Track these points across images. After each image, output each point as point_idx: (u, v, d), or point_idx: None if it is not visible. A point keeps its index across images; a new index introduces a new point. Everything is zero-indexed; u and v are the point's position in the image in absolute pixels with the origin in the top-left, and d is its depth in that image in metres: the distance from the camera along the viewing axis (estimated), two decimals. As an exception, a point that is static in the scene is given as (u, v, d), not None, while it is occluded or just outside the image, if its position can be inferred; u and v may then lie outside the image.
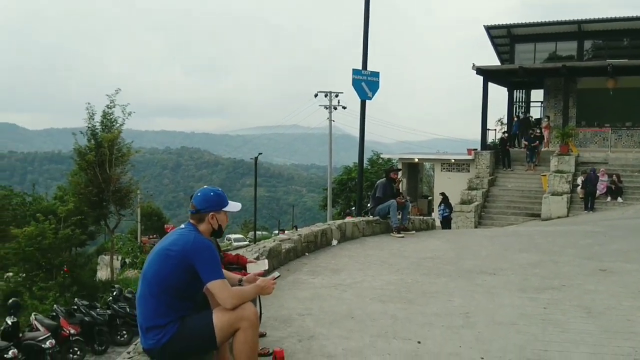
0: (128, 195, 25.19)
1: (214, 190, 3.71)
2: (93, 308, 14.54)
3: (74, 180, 25.54)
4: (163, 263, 3.43)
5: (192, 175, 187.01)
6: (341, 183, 42.05)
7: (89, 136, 24.19)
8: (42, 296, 19.61)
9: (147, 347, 3.45)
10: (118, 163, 24.29)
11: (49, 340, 12.54)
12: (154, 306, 3.41)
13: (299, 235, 8.49)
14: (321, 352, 4.38)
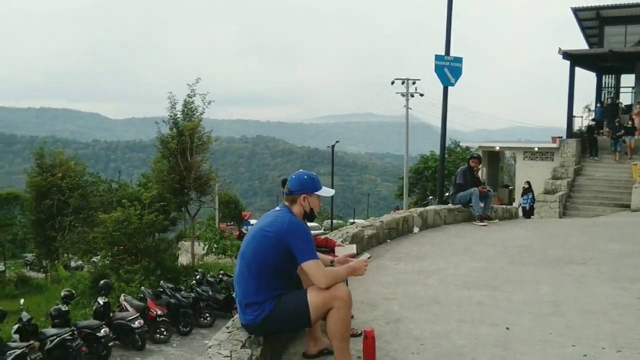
0: (208, 183, 25.83)
1: (308, 174, 3.79)
2: (178, 291, 15.08)
3: (157, 167, 26.45)
4: (260, 243, 3.56)
5: (267, 163, 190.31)
6: (417, 172, 41.54)
7: (171, 125, 24.88)
8: (129, 279, 20.40)
9: (246, 322, 3.59)
10: (199, 151, 24.91)
11: (137, 320, 13.14)
12: (252, 284, 3.54)
13: (380, 222, 8.47)
14: (409, 335, 4.39)
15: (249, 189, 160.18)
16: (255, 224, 3.82)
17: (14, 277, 34.33)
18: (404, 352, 4.04)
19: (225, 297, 15.49)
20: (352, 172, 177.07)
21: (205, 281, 15.99)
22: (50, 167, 31.74)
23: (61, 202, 30.92)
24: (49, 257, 32.82)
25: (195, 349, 13.06)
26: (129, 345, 13.21)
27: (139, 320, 13.17)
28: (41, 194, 31.05)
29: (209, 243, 23.22)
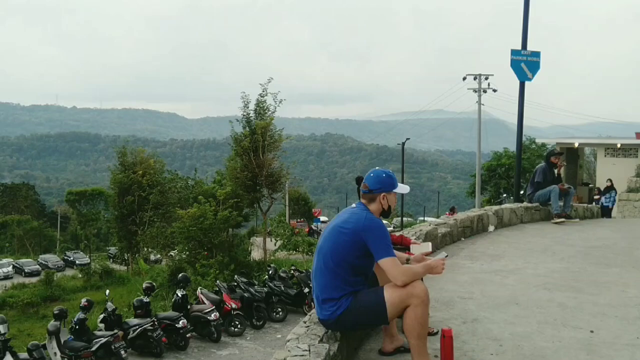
0: (279, 180, 26.21)
1: (385, 172, 3.79)
2: (251, 285, 15.39)
3: (231, 165, 27.09)
4: (337, 239, 3.60)
5: (335, 161, 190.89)
6: (490, 169, 40.52)
7: (244, 123, 25.41)
8: (204, 273, 20.98)
9: (323, 317, 3.64)
10: (270, 149, 25.30)
11: (213, 313, 13.53)
12: (329, 279, 3.59)
13: (454, 220, 8.35)
14: (487, 335, 4.31)
15: (318, 186, 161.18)
16: (332, 220, 3.86)
17: (98, 270, 36.12)
18: (482, 353, 3.97)
19: (296, 293, 15.69)
20: (422, 169, 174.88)
21: (278, 276, 16.23)
22: (131, 164, 33.10)
23: (142, 198, 32.23)
24: (130, 250, 34.30)
25: (269, 343, 13.31)
26: (206, 337, 13.62)
27: (215, 313, 13.55)
28: (123, 190, 32.46)
29: (281, 239, 23.54)
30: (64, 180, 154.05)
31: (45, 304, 32.41)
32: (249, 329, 14.37)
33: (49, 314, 27.71)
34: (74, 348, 11.33)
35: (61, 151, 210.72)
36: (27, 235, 63.97)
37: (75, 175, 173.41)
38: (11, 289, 37.57)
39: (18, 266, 50.97)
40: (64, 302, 28.11)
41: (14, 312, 29.43)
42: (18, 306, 31.54)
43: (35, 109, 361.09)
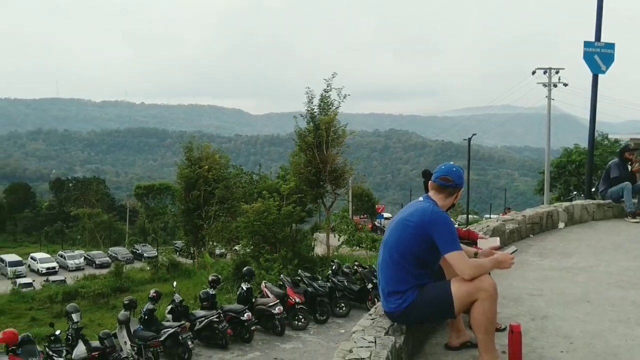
0: (343, 176, 26.22)
1: (458, 167, 3.76)
2: (315, 280, 15.49)
3: (295, 160, 27.32)
4: (402, 232, 3.59)
5: (399, 157, 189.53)
6: (559, 166, 39.21)
7: (308, 119, 25.55)
8: (268, 267, 21.25)
9: (389, 310, 3.65)
10: (334, 144, 25.34)
11: (277, 306, 13.70)
12: (395, 272, 3.59)
13: (523, 216, 8.14)
14: (557, 332, 4.21)
15: (381, 183, 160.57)
16: (398, 214, 3.86)
17: (165, 262, 37.34)
18: (552, 350, 3.88)
19: (360, 288, 15.69)
20: (488, 166, 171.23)
21: (341, 272, 16.26)
22: (197, 160, 33.88)
23: (207, 193, 32.96)
24: (196, 244, 35.17)
25: (332, 338, 13.37)
26: (270, 330, 13.82)
27: (279, 306, 13.72)
28: (190, 185, 33.28)
29: (344, 235, 23.57)
30: (132, 175, 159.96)
31: (115, 295, 33.77)
32: (313, 323, 14.47)
33: (118, 305, 28.86)
34: (143, 337, 11.73)
35: (130, 146, 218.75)
36: (97, 228, 66.69)
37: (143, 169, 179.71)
38: (83, 280, 39.36)
39: (89, 258, 53.32)
40: (132, 293, 29.19)
41: (86, 302, 30.76)
42: (89, 296, 32.98)
43: (105, 105, 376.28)
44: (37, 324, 25.83)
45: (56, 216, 75.53)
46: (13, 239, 73.21)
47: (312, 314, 14.61)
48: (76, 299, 30.91)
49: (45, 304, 33.16)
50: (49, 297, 34.05)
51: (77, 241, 67.68)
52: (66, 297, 33.00)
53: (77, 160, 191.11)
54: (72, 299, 30.00)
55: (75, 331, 11.42)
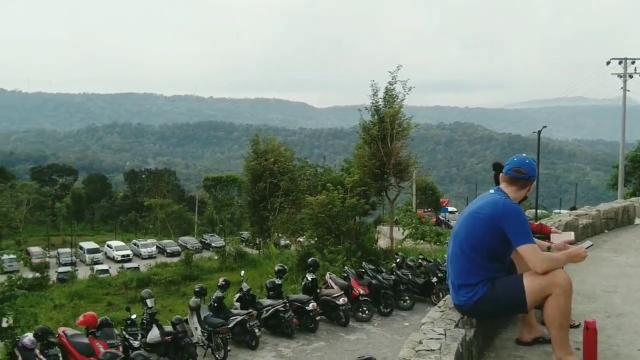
0: (407, 169, 26.03)
1: (531, 159, 3.71)
2: (379, 272, 15.48)
3: (359, 153, 27.31)
4: (473, 225, 3.57)
5: (465, 150, 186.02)
6: (635, 160, 37.48)
7: (372, 112, 25.49)
8: (332, 259, 21.39)
9: (459, 303, 3.64)
10: (398, 137, 25.17)
11: (342, 297, 13.79)
12: (465, 265, 3.57)
13: (597, 211, 7.88)
14: (634, 330, 4.10)
15: (445, 176, 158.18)
16: (468, 206, 3.83)
17: (233, 252, 38.26)
18: (628, 348, 3.78)
19: (424, 282, 15.57)
20: (558, 160, 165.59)
21: (405, 265, 16.18)
22: (263, 152, 34.46)
23: (273, 185, 33.50)
24: (261, 235, 35.84)
25: (396, 330, 13.35)
26: (334, 321, 13.93)
27: (343, 297, 13.80)
28: (256, 177, 33.91)
29: (408, 228, 23.43)
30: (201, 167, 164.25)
31: (184, 283, 34.96)
32: (377, 315, 14.48)
33: (188, 292, 29.83)
34: (212, 324, 12.08)
35: (199, 139, 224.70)
36: (168, 218, 69.07)
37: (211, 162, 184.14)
38: (155, 268, 40.99)
39: (160, 247, 55.37)
40: (201, 281, 30.07)
41: (158, 289, 31.95)
42: (161, 283, 34.30)
43: (176, 99, 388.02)
44: (113, 309, 27.06)
45: (130, 206, 78.79)
46: (91, 227, 77.01)
47: (376, 306, 14.61)
48: (149, 285, 32.14)
49: (120, 289, 34.80)
50: (124, 283, 35.71)
51: (149, 230, 70.47)
52: (140, 283, 34.49)
53: (149, 153, 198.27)
54: (146, 286, 31.21)
55: (149, 316, 11.89)
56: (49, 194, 77.37)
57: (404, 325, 13.75)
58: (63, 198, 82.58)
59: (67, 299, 30.83)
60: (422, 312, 14.42)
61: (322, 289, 14.74)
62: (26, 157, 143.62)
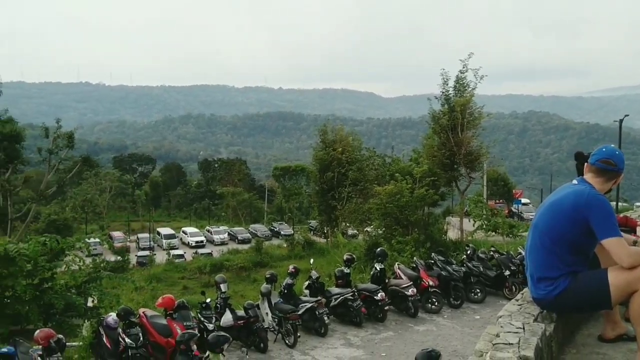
0: (478, 159, 25.47)
1: (620, 150, 3.57)
2: (449, 264, 15.28)
3: (428, 143, 26.95)
4: (555, 216, 3.47)
5: (539, 140, 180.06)
6: None
7: (442, 101, 25.06)
8: (400, 249, 21.26)
9: (537, 296, 3.56)
10: (469, 127, 24.63)
11: (411, 288, 13.74)
12: (545, 258, 3.48)
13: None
14: None
15: (518, 167, 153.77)
16: (549, 196, 3.72)
17: (301, 241, 38.77)
18: None
19: (496, 275, 15.26)
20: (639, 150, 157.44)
21: (476, 257, 15.89)
22: (331, 142, 34.60)
23: (341, 175, 33.62)
24: (329, 224, 36.07)
25: (466, 323, 13.19)
26: (403, 312, 13.91)
27: (412, 288, 13.75)
28: (324, 166, 34.12)
29: (479, 219, 22.98)
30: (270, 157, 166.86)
31: (255, 269, 35.79)
32: (446, 307, 14.35)
33: (258, 278, 30.50)
34: (282, 310, 12.32)
35: (269, 129, 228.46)
36: (239, 206, 70.77)
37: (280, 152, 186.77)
38: (227, 254, 42.14)
39: (232, 234, 56.86)
40: (271, 268, 30.70)
41: (229, 274, 32.81)
42: (233, 269, 35.28)
43: (247, 91, 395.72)
44: (189, 292, 28.06)
45: (204, 194, 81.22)
46: (167, 213, 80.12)
47: (446, 298, 14.48)
48: (221, 271, 33.10)
49: (195, 274, 36.11)
50: (198, 268, 37.04)
51: (221, 217, 72.53)
52: (213, 268, 35.67)
53: (222, 143, 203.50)
54: (218, 271, 32.18)
55: (223, 300, 12.26)
56: (129, 181, 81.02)
57: (474, 318, 13.56)
58: (142, 186, 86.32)
59: (146, 281, 32.25)
60: (494, 306, 14.28)
61: (391, 279, 14.73)
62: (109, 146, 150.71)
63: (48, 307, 11.42)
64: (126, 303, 14.39)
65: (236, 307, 12.54)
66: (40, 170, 43.60)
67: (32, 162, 41.93)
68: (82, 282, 12.58)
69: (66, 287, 12.32)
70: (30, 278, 11.42)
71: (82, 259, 13.54)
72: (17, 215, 35.82)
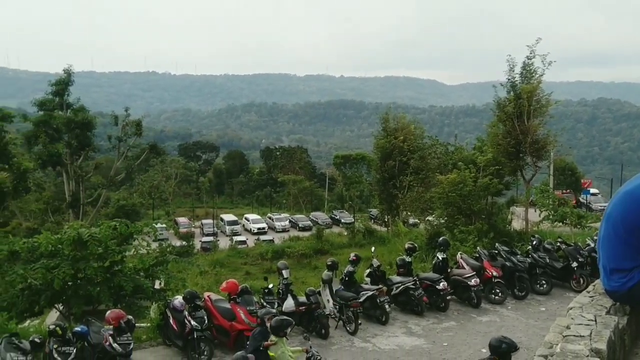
0: (545, 148, 24.76)
1: None
2: (513, 254, 14.97)
3: (492, 131, 26.33)
4: (629, 205, 3.35)
5: (609, 129, 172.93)
6: None
7: (508, 88, 24.45)
8: (462, 239, 20.96)
9: (610, 289, 3.46)
10: (536, 115, 23.96)
11: (474, 278, 13.58)
12: (619, 248, 3.38)
13: None
14: None
15: (586, 156, 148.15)
16: (624, 185, 3.60)
17: (362, 229, 38.84)
18: None
19: (563, 266, 14.85)
20: None
21: (542, 248, 15.49)
22: (393, 130, 34.37)
23: (402, 163, 33.40)
24: (390, 212, 35.95)
25: (531, 315, 12.93)
26: (465, 302, 13.77)
27: (475, 278, 13.58)
28: (385, 155, 33.97)
29: (546, 210, 22.33)
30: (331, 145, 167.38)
31: (315, 256, 36.13)
32: (510, 298, 14.09)
33: (319, 265, 30.79)
34: (344, 297, 12.42)
35: (329, 117, 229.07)
36: (300, 194, 71.52)
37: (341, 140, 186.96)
38: (288, 241, 42.72)
39: (293, 221, 57.55)
40: (331, 256, 30.89)
41: (290, 261, 33.24)
42: (294, 256, 35.75)
43: (308, 79, 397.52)
44: (251, 278, 28.67)
45: (265, 181, 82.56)
46: (230, 200, 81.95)
47: (510, 289, 14.22)
48: (283, 257, 33.62)
49: (256, 260, 36.87)
50: (259, 254, 37.77)
51: (282, 205, 73.54)
52: (274, 255, 36.31)
53: (283, 131, 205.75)
54: (280, 257, 32.71)
55: (285, 286, 12.47)
56: (193, 168, 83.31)
57: (539, 310, 13.27)
58: (206, 173, 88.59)
59: (210, 266, 33.18)
60: (560, 298, 13.93)
61: (453, 268, 14.59)
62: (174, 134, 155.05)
63: (118, 289, 11.89)
64: (191, 287, 14.83)
65: (298, 293, 12.72)
66: (110, 157, 45.36)
67: (102, 150, 43.60)
68: (149, 265, 13.02)
69: (135, 270, 12.79)
70: (101, 261, 11.89)
71: (149, 244, 14.02)
72: (89, 201, 37.37)
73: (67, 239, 11.65)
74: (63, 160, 34.40)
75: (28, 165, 28.99)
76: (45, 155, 33.09)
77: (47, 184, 51.36)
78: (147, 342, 11.86)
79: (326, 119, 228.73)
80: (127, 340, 9.70)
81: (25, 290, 11.46)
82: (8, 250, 11.66)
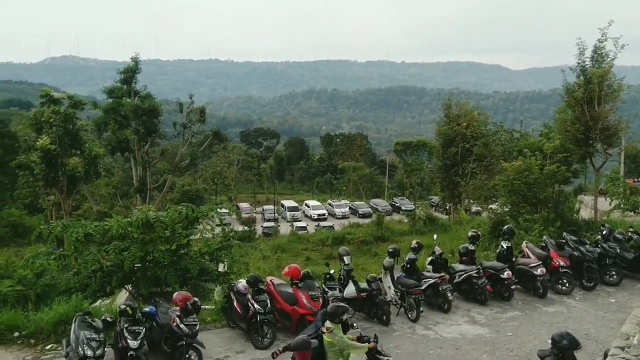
0: (616, 134, 23.85)
1: None
2: (582, 244, 14.51)
3: (561, 117, 25.55)
4: None
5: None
6: None
7: (578, 73, 23.64)
8: (527, 227, 20.49)
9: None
10: (607, 100, 23.09)
11: (540, 268, 13.28)
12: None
13: None
14: None
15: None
16: None
17: (422, 216, 38.58)
18: None
19: (635, 257, 14.30)
20: None
21: (613, 237, 14.93)
22: (456, 117, 33.89)
23: (465, 150, 32.93)
24: (452, 200, 35.56)
25: (600, 306, 12.54)
26: (530, 292, 13.50)
27: (542, 268, 13.27)
28: (448, 141, 33.60)
29: (617, 198, 21.54)
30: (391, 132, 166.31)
31: (376, 243, 36.17)
32: (578, 289, 13.71)
33: (379, 252, 30.81)
34: (405, 284, 12.39)
35: (390, 104, 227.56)
36: (360, 181, 71.60)
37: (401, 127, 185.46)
38: (349, 227, 42.88)
39: (353, 208, 57.73)
40: (392, 243, 30.87)
41: (350, 247, 33.20)
42: (354, 242, 35.90)
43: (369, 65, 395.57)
44: (311, 263, 29.00)
45: (325, 168, 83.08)
46: (290, 187, 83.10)
47: (578, 280, 13.83)
48: (343, 244, 33.82)
49: (317, 246, 37.22)
50: (320, 240, 38.10)
51: (342, 192, 73.85)
52: (334, 241, 36.54)
53: (343, 117, 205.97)
54: (340, 244, 32.93)
55: (346, 272, 12.56)
56: (255, 155, 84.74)
57: (609, 302, 12.89)
58: (267, 159, 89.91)
59: (272, 251, 33.73)
60: (631, 289, 13.50)
61: (518, 257, 14.31)
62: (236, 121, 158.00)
63: (184, 272, 12.24)
64: (254, 271, 15.13)
65: (358, 279, 12.78)
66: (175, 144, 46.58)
67: (168, 136, 44.80)
68: (214, 249, 13.34)
69: (200, 254, 13.13)
70: (168, 244, 12.24)
71: (213, 228, 14.38)
72: (155, 186, 38.53)
73: (136, 222, 12.07)
74: (131, 147, 35.53)
75: (98, 151, 30.07)
76: (114, 142, 34.25)
77: (115, 170, 53.22)
78: (211, 324, 12.22)
79: (386, 105, 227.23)
80: (193, 321, 10.00)
81: (97, 271, 11.96)
82: (83, 233, 12.16)
